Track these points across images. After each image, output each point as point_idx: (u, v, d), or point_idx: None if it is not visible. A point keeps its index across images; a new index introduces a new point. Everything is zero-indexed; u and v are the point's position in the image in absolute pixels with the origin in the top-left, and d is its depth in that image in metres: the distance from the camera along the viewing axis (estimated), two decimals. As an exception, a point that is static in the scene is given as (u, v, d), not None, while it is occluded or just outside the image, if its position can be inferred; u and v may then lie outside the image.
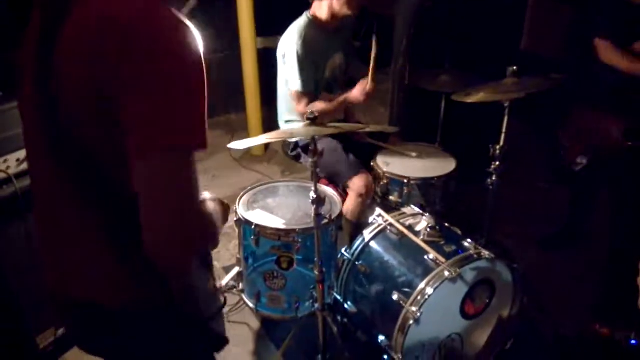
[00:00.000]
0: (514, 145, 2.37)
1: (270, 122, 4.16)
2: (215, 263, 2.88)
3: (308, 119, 1.70)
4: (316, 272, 1.95)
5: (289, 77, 2.51)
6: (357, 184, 2.46)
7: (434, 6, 3.05)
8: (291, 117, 2.68)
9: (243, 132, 4.30)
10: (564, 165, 2.55)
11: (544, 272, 2.74)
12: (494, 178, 2.33)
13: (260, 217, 2.12)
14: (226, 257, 2.97)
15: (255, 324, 2.49)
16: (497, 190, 2.37)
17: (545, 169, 3.45)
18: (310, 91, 2.51)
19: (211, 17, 3.82)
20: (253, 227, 2.06)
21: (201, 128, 0.88)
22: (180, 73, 0.84)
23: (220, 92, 4.35)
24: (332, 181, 2.57)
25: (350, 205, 2.48)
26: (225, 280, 2.68)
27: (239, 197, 2.24)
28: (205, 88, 0.87)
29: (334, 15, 2.48)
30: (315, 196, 1.78)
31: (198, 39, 0.87)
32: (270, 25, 3.12)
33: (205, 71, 0.87)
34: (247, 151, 4.20)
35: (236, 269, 2.31)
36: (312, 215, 1.86)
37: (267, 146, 4.23)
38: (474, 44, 2.95)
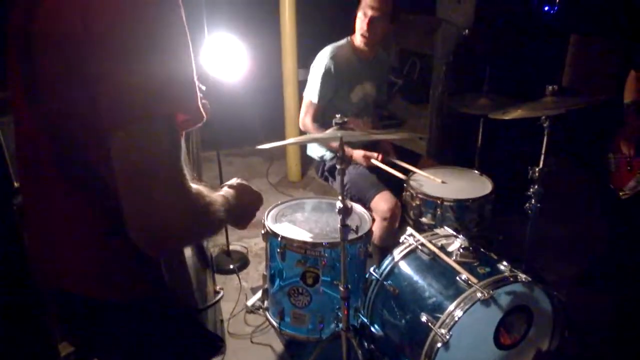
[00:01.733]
0: (553, 174, 2.28)
1: (307, 155, 4.20)
2: (243, 283, 2.85)
3: (336, 124, 1.68)
4: (341, 289, 1.88)
5: (308, 85, 2.59)
6: (380, 205, 2.42)
7: (472, 35, 3.04)
8: (322, 152, 2.75)
9: (281, 159, 4.34)
10: (613, 194, 2.42)
11: (588, 309, 2.56)
12: (532, 202, 2.21)
13: (287, 229, 2.09)
14: (255, 278, 2.93)
15: (279, 346, 2.41)
16: (536, 216, 2.25)
17: (587, 200, 3.28)
18: (321, 106, 2.56)
19: (257, 46, 3.93)
20: (279, 239, 2.02)
21: (188, 93, 0.81)
22: (157, 27, 0.77)
23: (261, 121, 4.43)
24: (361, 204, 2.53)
25: (377, 229, 2.42)
26: (251, 301, 2.64)
27: (267, 211, 2.22)
28: (189, 49, 0.81)
29: (358, 38, 2.57)
30: (341, 205, 1.74)
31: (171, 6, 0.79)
32: (313, 58, 3.21)
33: (187, 30, 0.80)
34: (284, 177, 4.22)
35: (262, 290, 2.27)
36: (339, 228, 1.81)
37: (303, 172, 4.24)
38: (512, 69, 2.91)
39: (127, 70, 0.76)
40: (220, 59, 2.72)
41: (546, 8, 3.00)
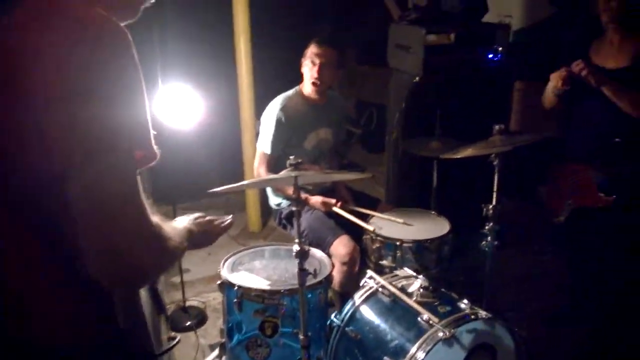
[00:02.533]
0: (507, 211, 2.34)
1: (267, 201, 4.17)
2: (201, 340, 2.73)
3: (291, 165, 1.68)
4: (301, 337, 1.81)
5: (261, 137, 2.60)
6: (339, 250, 2.40)
7: (422, 82, 3.16)
8: (278, 200, 2.74)
9: (241, 212, 4.28)
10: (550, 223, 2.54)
11: (550, 344, 2.56)
12: (489, 239, 2.24)
13: (244, 278, 2.03)
14: (213, 334, 2.80)
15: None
16: (494, 253, 2.27)
17: (540, 233, 3.35)
18: (275, 156, 2.57)
19: (213, 97, 3.97)
20: (236, 288, 1.96)
21: (144, 132, 0.84)
22: (120, 76, 0.80)
23: (219, 173, 4.39)
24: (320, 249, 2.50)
25: (337, 275, 2.39)
26: (208, 359, 2.52)
27: (223, 260, 2.16)
28: (144, 95, 0.84)
29: (308, 86, 2.62)
30: (298, 248, 1.71)
31: (128, 41, 0.82)
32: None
33: (142, 78, 0.84)
34: (244, 228, 4.16)
35: (219, 345, 2.17)
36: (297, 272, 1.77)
37: (264, 223, 4.19)
38: (461, 113, 3.02)
39: (90, 111, 0.78)
40: (176, 110, 2.71)
41: (490, 56, 3.15)
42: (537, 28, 4.29)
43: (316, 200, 2.54)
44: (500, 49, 3.17)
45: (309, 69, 2.56)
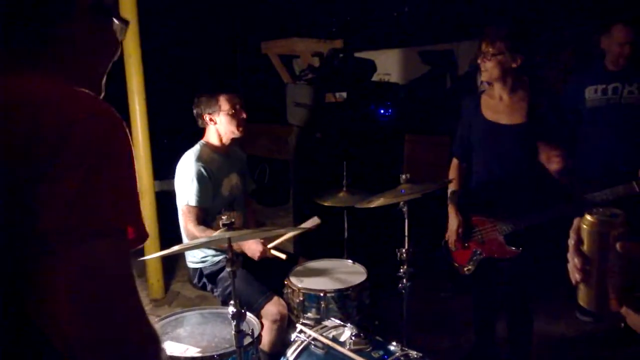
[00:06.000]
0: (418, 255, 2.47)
1: (168, 265, 3.98)
2: None
3: (224, 225, 1.67)
4: (239, 402, 1.76)
5: (182, 193, 2.52)
6: (271, 310, 2.38)
7: (324, 136, 3.33)
8: (202, 254, 2.64)
9: (141, 278, 4.03)
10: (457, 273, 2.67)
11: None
12: (404, 282, 2.38)
13: (172, 348, 1.93)
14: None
15: None
16: (410, 296, 2.41)
17: (446, 278, 3.60)
18: (203, 207, 2.52)
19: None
20: (165, 360, 1.85)
21: (137, 210, 0.83)
22: (106, 157, 0.79)
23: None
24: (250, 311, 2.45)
25: (267, 335, 2.36)
26: None
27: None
28: (135, 173, 0.84)
29: (221, 139, 2.65)
30: (235, 310, 1.68)
31: (118, 122, 0.83)
32: (168, 169, 3.20)
33: (133, 156, 0.84)
34: (145, 296, 3.90)
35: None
36: (232, 334, 1.73)
37: (166, 288, 3.98)
38: (364, 165, 3.22)
39: (90, 188, 0.76)
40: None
41: (382, 111, 3.42)
42: (415, 85, 4.78)
43: (254, 246, 2.43)
44: (389, 104, 3.46)
45: (231, 117, 2.57)
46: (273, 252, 2.49)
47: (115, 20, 0.97)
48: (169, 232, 2.87)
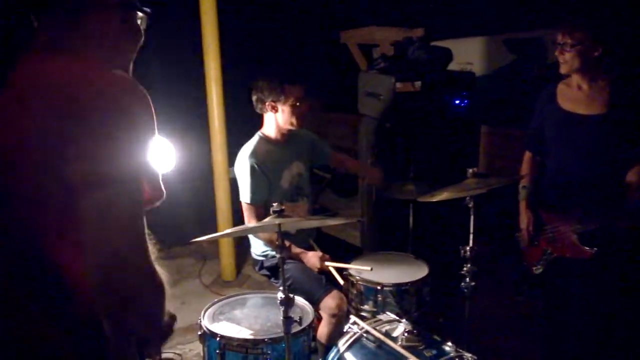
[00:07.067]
0: (484, 254, 2.35)
1: (240, 249, 4.12)
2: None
3: (274, 212, 1.68)
4: (287, 387, 1.77)
5: (240, 190, 2.54)
6: (329, 303, 2.35)
7: (393, 127, 3.25)
8: (265, 249, 2.66)
9: (214, 259, 4.21)
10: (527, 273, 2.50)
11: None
12: (467, 281, 2.27)
13: (226, 328, 1.98)
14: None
15: None
16: (472, 295, 2.30)
17: (518, 278, 3.41)
18: (260, 204, 2.52)
19: (185, 145, 3.97)
20: (218, 339, 1.91)
21: (151, 174, 1.02)
22: (129, 121, 0.99)
23: (192, 221, 4.34)
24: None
25: (325, 327, 2.35)
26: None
27: (203, 310, 2.11)
28: (152, 134, 1.03)
29: (280, 130, 2.62)
30: (283, 296, 1.69)
31: (140, 92, 1.02)
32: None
33: (153, 125, 1.02)
34: (218, 276, 4.08)
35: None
36: (282, 320, 1.75)
37: (238, 270, 4.12)
38: (433, 157, 3.11)
39: (111, 148, 0.97)
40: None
41: (457, 102, 3.28)
42: (498, 75, 4.52)
43: (313, 259, 2.45)
44: (465, 95, 3.31)
45: (293, 108, 2.53)
46: (332, 271, 2.42)
47: (139, 12, 1.13)
48: (240, 217, 2.93)
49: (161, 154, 2.71)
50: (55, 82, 0.95)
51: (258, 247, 2.67)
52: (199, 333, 2.01)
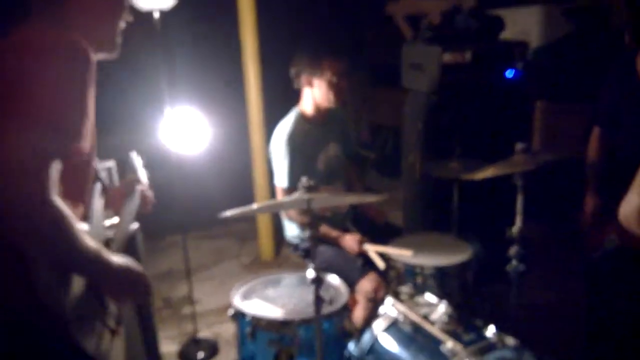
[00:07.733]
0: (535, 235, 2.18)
1: (280, 230, 4.07)
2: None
3: (303, 187, 1.60)
4: (318, 368, 1.70)
5: (275, 172, 2.46)
6: (366, 287, 2.27)
7: (438, 101, 3.07)
8: (298, 232, 2.59)
9: (253, 240, 4.19)
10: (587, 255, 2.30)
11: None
12: (514, 263, 2.11)
13: (257, 307, 1.93)
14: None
15: None
16: (519, 278, 2.14)
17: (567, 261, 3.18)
18: (295, 188, 2.42)
19: (223, 122, 3.94)
20: (249, 318, 1.86)
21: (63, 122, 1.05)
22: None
23: (230, 199, 4.33)
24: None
25: (361, 311, 2.27)
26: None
27: (235, 289, 2.06)
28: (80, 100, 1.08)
29: (317, 107, 2.50)
30: (314, 274, 1.61)
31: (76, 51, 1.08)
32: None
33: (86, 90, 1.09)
34: (256, 257, 4.06)
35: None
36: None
37: (277, 251, 4.09)
38: (481, 133, 2.92)
39: (28, 95, 1.03)
40: (184, 135, 2.66)
41: (509, 74, 3.06)
42: (555, 46, 4.22)
43: (351, 242, 2.37)
44: (518, 66, 3.08)
45: (331, 84, 2.40)
46: (371, 254, 2.31)
47: None
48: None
49: (197, 129, 2.68)
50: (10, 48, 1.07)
51: (292, 230, 2.60)
52: (231, 314, 1.96)
